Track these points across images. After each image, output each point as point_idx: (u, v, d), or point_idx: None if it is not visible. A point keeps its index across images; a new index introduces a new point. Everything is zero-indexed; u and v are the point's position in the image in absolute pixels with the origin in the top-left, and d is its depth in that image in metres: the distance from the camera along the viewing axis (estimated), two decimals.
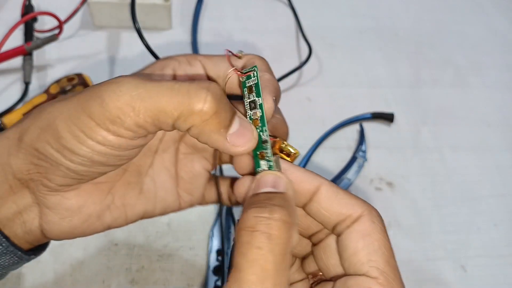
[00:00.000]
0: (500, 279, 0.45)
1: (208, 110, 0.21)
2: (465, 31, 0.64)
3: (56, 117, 0.22)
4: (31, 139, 0.23)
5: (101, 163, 0.22)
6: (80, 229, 0.25)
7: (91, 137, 0.21)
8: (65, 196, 0.24)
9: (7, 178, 0.24)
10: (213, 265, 0.41)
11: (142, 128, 0.21)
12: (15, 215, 0.24)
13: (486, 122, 0.56)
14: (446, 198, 0.49)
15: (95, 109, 0.21)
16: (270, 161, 0.23)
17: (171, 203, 0.28)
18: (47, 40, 0.48)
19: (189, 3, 0.60)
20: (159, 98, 0.21)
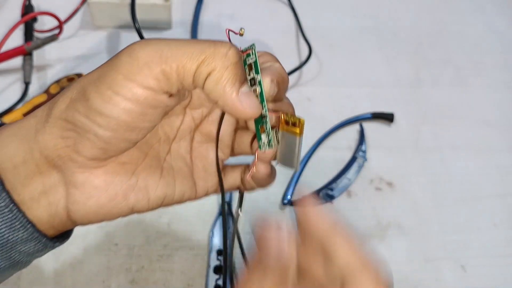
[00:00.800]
0: (500, 279, 0.45)
1: (231, 56, 0.22)
2: (465, 31, 0.64)
3: (85, 83, 0.23)
4: (60, 110, 0.23)
5: (127, 126, 0.23)
6: (106, 208, 0.25)
7: (118, 92, 0.22)
8: (92, 173, 0.24)
9: (33, 156, 0.24)
10: (214, 265, 0.41)
11: (167, 78, 0.22)
12: (40, 196, 0.24)
13: (486, 122, 0.56)
14: (446, 198, 0.49)
15: (124, 61, 0.22)
16: (270, 134, 0.25)
17: (188, 189, 0.28)
18: (47, 40, 0.48)
19: (189, 3, 0.60)
20: (186, 46, 0.22)
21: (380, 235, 0.46)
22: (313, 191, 0.47)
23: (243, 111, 0.23)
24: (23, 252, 0.25)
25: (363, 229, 0.46)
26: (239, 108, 0.23)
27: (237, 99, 0.23)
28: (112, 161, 0.25)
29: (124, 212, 0.26)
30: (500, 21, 0.66)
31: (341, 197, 0.47)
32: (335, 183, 0.48)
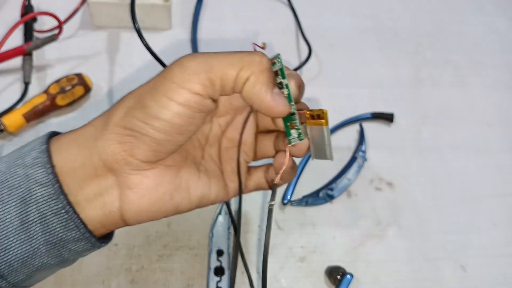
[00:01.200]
0: (500, 279, 0.45)
1: (264, 63, 0.26)
2: (465, 31, 0.64)
3: (141, 92, 0.26)
4: (118, 118, 0.26)
5: (178, 129, 0.26)
6: (155, 206, 0.28)
7: (172, 98, 0.25)
8: (145, 174, 0.27)
9: (92, 160, 0.26)
10: (214, 266, 0.41)
11: (212, 85, 0.25)
12: (96, 197, 0.27)
13: (486, 122, 0.56)
14: (446, 198, 0.49)
15: (176, 72, 0.25)
16: (299, 128, 0.28)
17: (221, 189, 0.31)
18: (47, 40, 0.48)
19: (189, 3, 0.60)
20: (227, 57, 0.26)
21: (380, 235, 0.46)
22: (313, 191, 0.47)
23: (277, 109, 0.26)
24: (72, 251, 0.27)
25: (363, 229, 0.46)
26: (274, 107, 0.26)
27: (272, 98, 0.26)
28: (160, 164, 0.28)
29: (170, 211, 0.29)
30: (500, 21, 0.66)
31: (341, 197, 0.47)
32: (335, 183, 0.48)
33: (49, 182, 0.26)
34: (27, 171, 0.26)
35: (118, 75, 0.52)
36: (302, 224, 0.46)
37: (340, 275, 0.41)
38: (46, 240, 0.26)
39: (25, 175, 0.26)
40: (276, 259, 0.43)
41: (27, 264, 0.26)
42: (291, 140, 0.29)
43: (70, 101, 0.48)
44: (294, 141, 0.29)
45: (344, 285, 0.41)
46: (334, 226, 0.46)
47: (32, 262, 0.26)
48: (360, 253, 0.44)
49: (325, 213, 0.46)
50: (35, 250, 0.26)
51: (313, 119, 0.28)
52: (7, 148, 0.46)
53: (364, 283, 0.43)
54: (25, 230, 0.25)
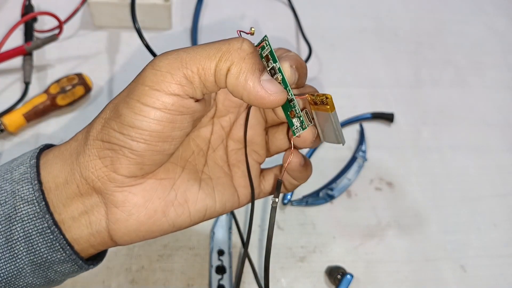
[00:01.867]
0: (500, 279, 0.45)
1: (245, 47, 0.23)
2: (465, 31, 0.64)
3: (117, 101, 0.24)
4: (96, 131, 0.24)
5: (159, 136, 0.23)
6: (146, 225, 0.25)
7: (146, 103, 0.23)
8: (131, 191, 0.25)
9: (74, 177, 0.25)
10: (215, 265, 0.41)
11: (190, 82, 0.23)
12: (81, 215, 0.25)
13: (486, 122, 0.56)
14: (446, 198, 0.49)
15: (148, 73, 0.23)
16: (300, 116, 0.25)
17: (229, 198, 0.28)
18: (47, 40, 0.48)
19: (189, 3, 0.60)
20: (202, 49, 0.23)
21: (380, 235, 0.46)
22: (313, 191, 0.47)
23: (269, 98, 0.23)
24: (59, 272, 0.26)
25: (363, 229, 0.46)
26: (264, 96, 0.23)
27: (260, 87, 0.23)
28: (149, 177, 0.25)
29: (165, 229, 0.26)
30: (500, 21, 0.66)
31: (341, 197, 0.47)
32: (335, 183, 0.48)
33: (35, 200, 0.24)
34: (14, 186, 0.25)
35: (118, 75, 0.52)
36: (302, 224, 0.46)
37: (340, 275, 0.41)
38: (31, 260, 0.25)
39: (11, 191, 0.25)
40: (276, 259, 0.43)
41: (11, 284, 0.25)
42: (294, 130, 0.26)
43: (71, 101, 0.48)
44: (298, 131, 0.26)
45: (344, 285, 0.41)
46: (334, 226, 0.46)
47: (17, 282, 0.25)
48: (360, 253, 0.45)
49: (325, 213, 0.46)
50: (19, 270, 0.25)
51: (317, 105, 0.25)
52: (7, 148, 0.46)
53: (364, 283, 0.43)
54: (10, 249, 0.24)
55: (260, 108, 0.26)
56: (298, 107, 0.25)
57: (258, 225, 0.45)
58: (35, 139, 0.47)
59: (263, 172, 0.31)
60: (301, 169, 0.28)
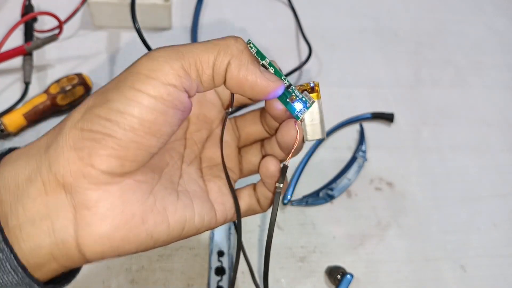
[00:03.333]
0: (500, 279, 0.45)
1: (241, 43, 0.24)
2: (465, 31, 0.64)
3: (104, 89, 0.23)
4: (74, 120, 0.22)
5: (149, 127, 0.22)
6: (122, 232, 0.22)
7: (141, 90, 0.21)
8: (107, 190, 0.22)
9: (41, 173, 0.22)
10: (215, 266, 0.41)
11: (187, 74, 0.22)
12: (43, 220, 0.22)
13: (486, 122, 0.56)
14: (446, 198, 0.49)
15: (145, 62, 0.22)
16: (303, 97, 0.26)
17: (207, 212, 0.27)
18: (47, 40, 0.48)
19: (189, 3, 0.60)
20: (199, 44, 0.23)
21: (380, 235, 0.46)
22: (313, 191, 0.47)
23: (273, 85, 0.24)
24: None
25: (363, 229, 0.46)
26: (267, 85, 0.24)
27: (262, 76, 0.23)
28: (127, 177, 0.23)
29: (142, 239, 0.23)
30: (500, 21, 0.66)
31: (341, 197, 0.47)
32: (335, 183, 0.48)
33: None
34: None
35: None
36: (302, 224, 0.46)
37: (340, 275, 0.41)
38: None
39: None
40: (276, 259, 0.43)
41: None
42: (298, 114, 0.26)
43: (71, 101, 0.48)
44: (302, 113, 0.26)
45: (344, 285, 0.41)
46: (334, 226, 0.46)
47: None
48: (360, 253, 0.45)
49: (325, 213, 0.46)
50: None
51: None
52: None
53: (364, 283, 0.43)
54: None
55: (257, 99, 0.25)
56: (297, 91, 0.26)
57: (258, 225, 0.45)
58: (35, 139, 0.47)
59: (236, 191, 0.29)
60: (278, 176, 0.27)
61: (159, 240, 0.24)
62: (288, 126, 0.26)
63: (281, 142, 0.27)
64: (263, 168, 0.27)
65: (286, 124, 0.26)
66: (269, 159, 0.27)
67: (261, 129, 0.29)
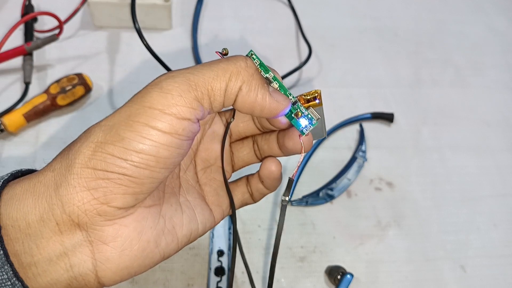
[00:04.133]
0: (499, 279, 0.45)
1: (251, 65, 0.24)
2: (465, 31, 0.64)
3: (114, 123, 0.22)
4: (86, 157, 0.21)
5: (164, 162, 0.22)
6: (139, 260, 0.23)
7: (156, 127, 0.21)
8: (122, 223, 0.22)
9: (54, 214, 0.21)
10: (214, 266, 0.41)
11: (201, 105, 0.22)
12: (59, 258, 0.22)
13: (486, 122, 0.56)
14: (446, 198, 0.49)
15: (156, 96, 0.22)
16: (308, 114, 0.27)
17: (208, 218, 0.28)
18: (47, 40, 0.48)
19: (189, 3, 0.60)
20: (208, 69, 0.23)
21: (380, 235, 0.46)
22: (313, 191, 0.47)
23: (281, 106, 0.24)
24: None
25: (363, 229, 0.46)
26: (276, 106, 0.24)
27: (272, 99, 0.24)
28: (138, 206, 0.23)
29: (156, 260, 0.24)
30: (500, 21, 0.66)
31: (341, 197, 0.47)
32: (335, 183, 0.48)
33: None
34: None
35: (118, 75, 0.52)
36: (302, 224, 0.46)
37: (340, 275, 0.41)
38: None
39: None
40: (276, 259, 0.43)
41: None
42: (303, 130, 0.27)
43: (71, 101, 0.48)
44: (307, 129, 0.27)
45: (344, 285, 0.41)
46: (334, 226, 0.46)
47: None
48: (360, 253, 0.45)
49: (325, 213, 0.46)
50: None
51: (308, 102, 0.27)
52: (7, 148, 0.46)
53: (364, 283, 0.43)
54: None
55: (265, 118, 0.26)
56: (302, 106, 0.27)
57: (258, 225, 0.45)
58: (35, 139, 0.47)
59: (230, 186, 0.30)
60: (279, 177, 0.28)
61: (170, 255, 0.25)
62: (294, 137, 0.27)
63: (286, 149, 0.28)
64: (266, 170, 0.28)
65: (294, 135, 0.27)
66: (271, 161, 0.28)
67: (253, 126, 0.30)
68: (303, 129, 0.27)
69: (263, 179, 0.28)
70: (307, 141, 0.27)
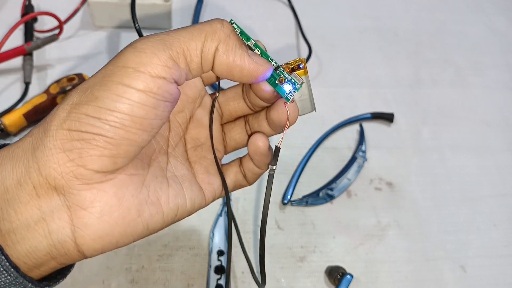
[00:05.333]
0: (499, 279, 0.45)
1: (228, 26, 0.23)
2: (465, 31, 0.64)
3: (89, 85, 0.22)
4: (60, 120, 0.21)
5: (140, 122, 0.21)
6: (120, 228, 0.23)
7: (130, 85, 0.21)
8: (101, 188, 0.22)
9: (30, 177, 0.21)
10: (214, 265, 0.41)
11: (176, 64, 0.22)
12: (38, 223, 0.21)
13: (486, 122, 0.56)
14: (446, 198, 0.49)
15: (130, 56, 0.21)
16: (292, 78, 0.26)
17: (197, 195, 0.27)
18: (47, 40, 0.48)
19: (189, 3, 0.60)
20: (184, 30, 0.23)
21: (380, 235, 0.46)
22: (313, 191, 0.47)
23: (261, 68, 0.24)
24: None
25: (363, 229, 0.46)
26: (257, 69, 0.23)
27: (251, 60, 0.23)
28: (119, 173, 0.23)
29: (139, 231, 0.24)
30: (500, 21, 0.66)
31: (341, 197, 0.47)
32: (335, 183, 0.48)
33: None
34: None
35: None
36: (302, 224, 0.46)
37: (340, 275, 0.41)
38: None
39: None
40: (276, 259, 0.43)
41: None
42: (287, 96, 0.26)
43: None
44: (291, 94, 0.26)
45: (344, 285, 0.41)
46: (334, 226, 0.46)
47: None
48: (360, 253, 0.45)
49: (325, 213, 0.46)
50: None
51: (294, 71, 0.26)
52: None
53: (364, 283, 0.43)
54: None
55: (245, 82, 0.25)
56: (286, 72, 0.26)
57: (258, 225, 0.45)
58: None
59: (223, 167, 0.30)
60: (268, 153, 0.28)
61: (155, 229, 0.25)
62: (278, 107, 0.26)
63: (273, 122, 0.27)
64: (252, 145, 0.27)
65: (278, 105, 0.26)
66: (258, 136, 0.27)
67: (244, 105, 0.29)
68: (287, 95, 0.26)
69: (251, 156, 0.28)
70: (292, 108, 0.26)
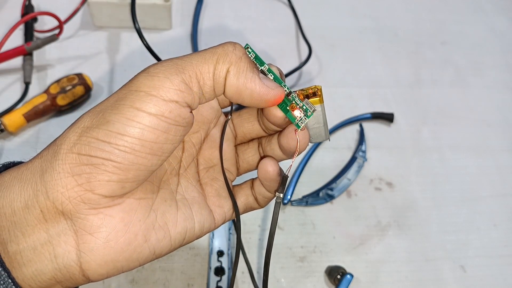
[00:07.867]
0: (499, 279, 0.45)
1: (240, 50, 0.23)
2: (465, 31, 0.64)
3: (101, 108, 0.22)
4: (70, 143, 0.21)
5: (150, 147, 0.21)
6: (126, 253, 0.22)
7: (141, 108, 0.21)
8: (108, 213, 0.22)
9: (38, 200, 0.21)
10: (214, 266, 0.41)
11: (189, 88, 0.22)
12: (44, 246, 0.21)
13: (486, 122, 0.56)
14: (446, 198, 0.49)
15: (143, 80, 0.21)
16: (303, 105, 0.25)
17: (206, 218, 0.27)
18: (47, 40, 0.48)
19: (189, 3, 0.60)
20: (196, 55, 0.23)
21: (380, 235, 0.46)
22: (313, 191, 0.47)
23: (272, 92, 0.23)
24: None
25: (363, 229, 0.46)
26: (268, 93, 0.23)
27: (262, 83, 0.23)
28: (127, 197, 0.22)
29: (146, 256, 0.23)
30: (500, 21, 0.66)
31: (341, 197, 0.47)
32: (335, 183, 0.48)
33: None
34: None
35: (118, 75, 0.52)
36: (302, 224, 0.46)
37: (340, 275, 0.41)
38: None
39: None
40: (276, 259, 0.43)
41: None
42: (298, 123, 0.25)
43: (71, 101, 0.48)
44: (302, 122, 0.25)
45: (344, 285, 0.41)
46: (334, 226, 0.46)
47: None
48: (360, 253, 0.45)
49: (325, 213, 0.46)
50: None
51: (308, 98, 0.26)
52: (7, 148, 0.46)
53: (364, 283, 0.43)
54: None
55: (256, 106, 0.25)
56: (298, 98, 0.25)
57: (258, 225, 0.45)
58: (35, 139, 0.47)
59: (234, 189, 0.29)
60: (277, 178, 0.27)
61: (161, 253, 0.24)
62: (289, 133, 0.26)
63: (283, 148, 0.27)
64: (262, 170, 0.27)
65: (289, 131, 0.26)
66: (268, 161, 0.27)
67: (258, 127, 0.29)
68: (298, 122, 0.25)
69: (261, 181, 0.28)
70: (302, 135, 0.25)
